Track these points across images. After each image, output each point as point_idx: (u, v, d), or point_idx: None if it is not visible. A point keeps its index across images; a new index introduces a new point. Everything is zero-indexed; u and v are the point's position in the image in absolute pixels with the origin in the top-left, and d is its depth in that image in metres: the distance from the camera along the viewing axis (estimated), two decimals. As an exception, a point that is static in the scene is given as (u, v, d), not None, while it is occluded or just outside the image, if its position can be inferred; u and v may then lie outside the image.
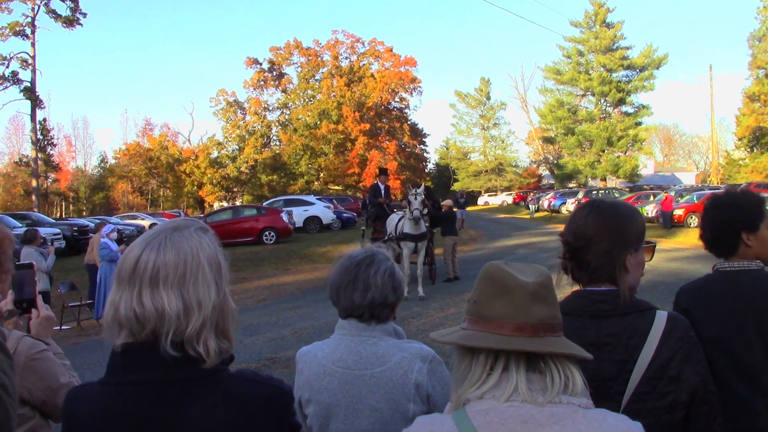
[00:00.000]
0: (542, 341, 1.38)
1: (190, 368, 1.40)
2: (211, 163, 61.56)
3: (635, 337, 1.83)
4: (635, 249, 1.93)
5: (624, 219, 1.94)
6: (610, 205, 1.98)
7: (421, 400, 2.18)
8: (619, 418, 1.39)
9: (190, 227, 1.50)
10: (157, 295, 1.38)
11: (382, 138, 69.21)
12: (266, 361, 8.62)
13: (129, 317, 1.39)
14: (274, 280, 18.04)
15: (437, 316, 11.31)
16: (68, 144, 77.47)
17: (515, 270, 1.46)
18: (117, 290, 1.43)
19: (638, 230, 1.95)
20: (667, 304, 9.78)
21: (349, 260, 2.28)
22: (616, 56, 56.75)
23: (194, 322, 1.39)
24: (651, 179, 67.74)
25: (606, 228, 1.91)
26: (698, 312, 2.41)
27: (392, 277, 2.26)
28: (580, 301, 1.92)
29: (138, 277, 1.40)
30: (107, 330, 1.45)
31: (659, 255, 19.02)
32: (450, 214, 16.74)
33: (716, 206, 2.53)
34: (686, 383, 1.80)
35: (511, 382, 1.35)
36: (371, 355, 2.21)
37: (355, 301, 2.21)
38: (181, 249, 1.43)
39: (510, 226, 36.77)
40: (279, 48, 68.88)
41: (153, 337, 1.39)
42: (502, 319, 1.40)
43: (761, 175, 46.06)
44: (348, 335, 2.26)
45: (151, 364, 1.39)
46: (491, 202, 71.97)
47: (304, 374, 2.32)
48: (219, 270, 1.48)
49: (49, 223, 27.09)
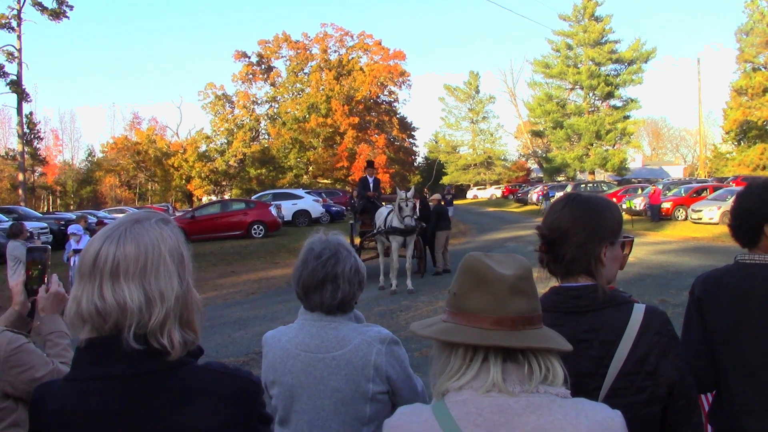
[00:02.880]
0: (521, 335, 1.39)
1: (154, 361, 1.38)
2: (199, 157, 61.31)
3: (612, 332, 1.82)
4: (611, 242, 1.91)
5: (598, 212, 1.93)
6: (585, 199, 1.98)
7: (380, 380, 2.28)
8: (598, 406, 1.41)
9: (150, 219, 1.48)
10: (119, 288, 1.36)
11: (371, 132, 69.10)
12: (254, 355, 8.57)
13: (91, 312, 1.37)
14: (263, 273, 18.01)
15: (426, 309, 11.32)
16: (55, 137, 77.22)
17: (495, 262, 1.46)
18: (79, 285, 1.41)
19: (613, 223, 1.93)
20: (655, 296, 9.86)
21: (315, 259, 2.34)
22: (605, 50, 56.95)
23: (157, 314, 1.37)
24: (639, 173, 67.99)
25: (580, 221, 1.91)
26: (709, 302, 2.37)
27: (357, 273, 2.38)
28: (555, 297, 1.90)
29: (98, 270, 1.38)
30: (71, 325, 1.43)
31: (647, 248, 19.23)
32: (441, 208, 16.79)
33: (744, 194, 2.46)
34: (663, 378, 1.80)
35: (491, 375, 1.37)
36: (332, 339, 2.31)
37: (325, 302, 2.33)
38: (142, 241, 1.41)
39: (499, 220, 36.90)
40: (268, 41, 68.61)
41: (116, 330, 1.37)
42: (480, 312, 1.41)
43: (748, 169, 46.40)
44: (311, 320, 2.36)
45: (114, 358, 1.37)
46: (480, 195, 72.10)
47: (268, 358, 2.42)
48: (181, 261, 1.47)
49: (36, 217, 26.86)
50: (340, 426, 2.28)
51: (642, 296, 2.48)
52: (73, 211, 47.83)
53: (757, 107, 46.90)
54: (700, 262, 14.98)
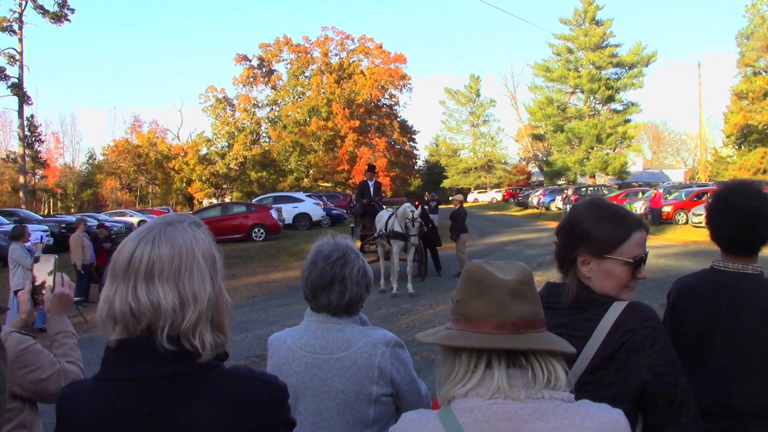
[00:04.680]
0: (522, 338, 1.41)
1: (185, 363, 1.39)
2: (200, 160, 61.42)
3: (583, 329, 1.87)
4: (595, 254, 1.93)
5: (590, 219, 1.95)
6: (589, 203, 2.01)
7: (384, 382, 2.29)
8: (602, 408, 1.42)
9: (183, 221, 1.49)
10: (153, 289, 1.37)
11: (372, 135, 69.20)
12: (255, 359, 8.60)
13: (124, 312, 1.38)
14: (264, 277, 18.03)
15: (427, 312, 11.33)
16: (56, 140, 77.38)
17: (495, 268, 1.49)
18: (111, 285, 1.41)
19: (605, 235, 1.93)
20: (656, 300, 9.79)
21: (324, 260, 2.36)
22: (606, 54, 56.95)
23: (190, 315, 1.38)
24: (639, 176, 67.98)
25: (571, 223, 1.98)
26: (680, 307, 2.40)
27: (365, 276, 2.40)
28: (542, 291, 1.94)
29: (133, 271, 1.39)
30: (101, 326, 1.43)
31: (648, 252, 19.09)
32: (460, 211, 16.54)
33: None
34: (632, 375, 1.81)
35: (494, 380, 1.39)
36: (337, 341, 2.32)
37: (332, 303, 2.33)
38: (176, 243, 1.42)
39: (499, 223, 36.89)
40: (269, 44, 68.72)
41: (148, 332, 1.38)
42: (482, 317, 1.43)
43: (749, 173, 46.33)
44: (316, 322, 2.38)
45: (146, 359, 1.38)
46: (481, 199, 72.15)
47: (273, 359, 2.44)
48: (214, 263, 1.48)
49: (37, 220, 26.86)
50: (343, 427, 2.29)
51: (643, 300, 2.52)
52: (74, 213, 47.85)
53: (757, 111, 46.84)
54: (701, 265, 14.72)
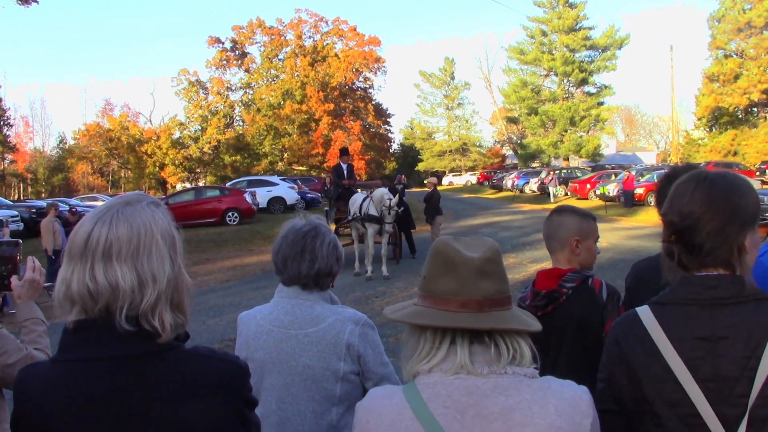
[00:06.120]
0: (487, 317, 1.40)
1: (144, 343, 1.38)
2: (173, 144, 60.72)
3: (758, 329, 1.52)
4: (752, 227, 1.63)
5: (737, 192, 1.63)
6: (721, 177, 1.68)
7: (351, 360, 2.32)
8: (565, 384, 1.42)
9: (142, 201, 1.47)
10: (111, 270, 1.35)
11: (347, 118, 68.86)
12: (229, 342, 8.57)
13: (82, 293, 1.36)
14: (238, 261, 17.97)
15: (401, 295, 11.37)
16: (25, 124, 76.08)
17: (462, 245, 1.48)
18: (68, 266, 1.40)
19: (755, 205, 1.65)
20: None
21: (294, 233, 2.40)
22: (579, 36, 57.09)
23: (149, 296, 1.36)
24: (613, 159, 68.47)
25: (718, 203, 1.60)
26: (635, 292, 2.38)
27: (336, 249, 2.44)
28: (688, 288, 1.62)
29: (90, 252, 1.37)
30: (59, 307, 1.41)
31: (620, 233, 19.43)
32: (433, 194, 16.79)
33: None
34: None
35: (458, 357, 1.39)
36: (306, 316, 2.35)
37: (302, 272, 2.35)
38: (134, 222, 1.40)
39: (474, 206, 37.08)
40: (241, 27, 67.89)
41: (106, 312, 1.36)
42: (447, 295, 1.43)
43: (719, 155, 46.91)
44: (286, 297, 2.40)
45: (104, 339, 1.37)
46: (455, 182, 72.32)
47: (242, 335, 2.47)
48: (173, 243, 1.47)
49: (6, 205, 26.48)
50: (309, 403, 2.31)
51: (615, 281, 2.56)
52: (45, 198, 47.17)
53: (728, 93, 47.29)
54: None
